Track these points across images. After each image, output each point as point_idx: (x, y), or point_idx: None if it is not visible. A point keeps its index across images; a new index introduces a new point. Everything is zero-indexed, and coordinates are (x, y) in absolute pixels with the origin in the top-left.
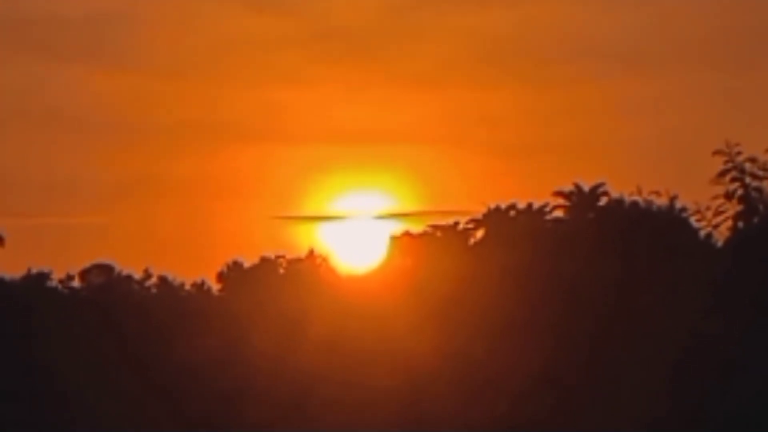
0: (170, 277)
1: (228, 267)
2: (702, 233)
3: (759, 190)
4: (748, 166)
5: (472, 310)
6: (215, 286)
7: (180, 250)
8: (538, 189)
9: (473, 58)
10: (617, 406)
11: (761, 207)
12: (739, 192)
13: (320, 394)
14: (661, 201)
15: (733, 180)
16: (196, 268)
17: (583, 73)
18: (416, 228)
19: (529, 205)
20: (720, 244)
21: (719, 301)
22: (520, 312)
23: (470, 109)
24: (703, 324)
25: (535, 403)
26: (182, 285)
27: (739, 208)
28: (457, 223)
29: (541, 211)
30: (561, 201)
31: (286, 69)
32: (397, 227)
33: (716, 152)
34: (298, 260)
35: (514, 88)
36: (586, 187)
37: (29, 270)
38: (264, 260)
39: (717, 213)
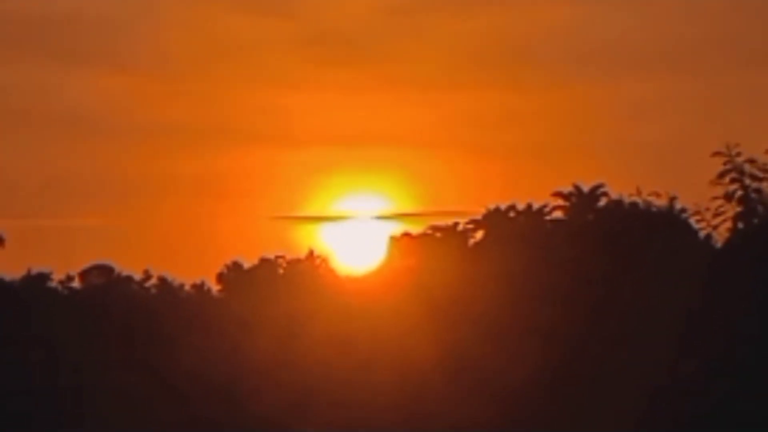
0: (170, 277)
1: (228, 268)
2: (701, 234)
3: (758, 191)
4: (747, 167)
5: (471, 310)
6: (215, 287)
7: (180, 251)
8: (538, 190)
9: (472, 61)
10: (614, 406)
11: (761, 208)
12: (739, 193)
13: (321, 394)
14: (661, 202)
15: (733, 181)
16: (195, 269)
17: (583, 75)
18: (416, 229)
19: (529, 206)
20: (719, 245)
21: (718, 301)
22: (519, 312)
23: (470, 111)
24: (702, 325)
25: (534, 402)
26: (182, 286)
27: (739, 209)
28: (456, 224)
29: (541, 212)
30: (560, 202)
31: (286, 72)
32: (397, 228)
33: (716, 153)
34: (298, 261)
35: (513, 90)
36: (585, 188)
37: (29, 271)
38: (264, 261)
39: (716, 214)
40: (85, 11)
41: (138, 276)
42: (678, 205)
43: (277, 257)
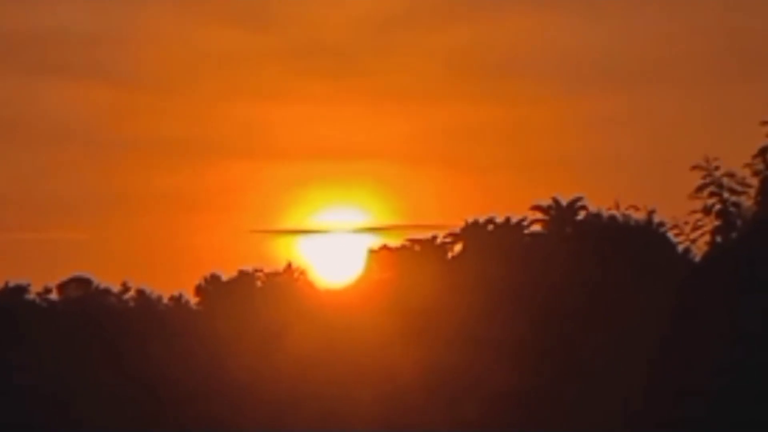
0: (148, 290)
1: (206, 280)
2: (680, 248)
3: (737, 205)
4: (726, 181)
5: (450, 322)
6: (193, 300)
7: (158, 264)
8: (517, 203)
9: (452, 75)
10: (589, 416)
11: (739, 222)
12: (717, 207)
13: (298, 405)
14: (639, 215)
15: (712, 195)
16: (174, 282)
17: (562, 89)
18: (394, 242)
19: (507, 220)
20: (698, 258)
21: (695, 316)
22: (497, 324)
23: (448, 124)
24: (679, 339)
25: (510, 410)
26: (160, 298)
27: (717, 223)
28: (435, 237)
29: (520, 225)
30: (539, 215)
31: (266, 85)
32: (375, 241)
33: (694, 167)
34: (276, 274)
35: (493, 104)
36: (564, 202)
37: (7, 283)
38: (242, 273)
39: (695, 228)
40: (68, 25)
41: (116, 288)
42: (656, 219)
43: (256, 270)
